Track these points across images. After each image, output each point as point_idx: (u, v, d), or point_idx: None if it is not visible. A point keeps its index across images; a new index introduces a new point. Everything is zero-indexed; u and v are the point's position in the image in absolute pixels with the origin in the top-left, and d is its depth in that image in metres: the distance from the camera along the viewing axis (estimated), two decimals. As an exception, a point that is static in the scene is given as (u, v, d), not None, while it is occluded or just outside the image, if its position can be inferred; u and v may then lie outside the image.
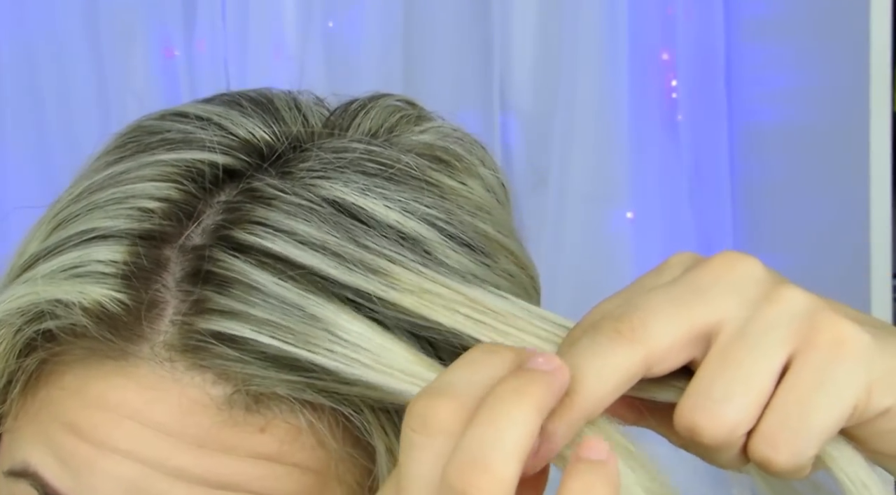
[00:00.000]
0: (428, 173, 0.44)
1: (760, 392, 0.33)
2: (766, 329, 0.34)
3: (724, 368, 0.34)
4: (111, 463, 0.39)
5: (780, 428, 0.33)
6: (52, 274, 0.40)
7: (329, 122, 0.46)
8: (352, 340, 0.37)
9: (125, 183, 0.42)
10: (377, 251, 0.39)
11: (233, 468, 0.38)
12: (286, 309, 0.37)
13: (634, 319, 0.34)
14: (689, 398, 0.34)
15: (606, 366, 0.33)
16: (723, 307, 0.34)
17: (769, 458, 0.34)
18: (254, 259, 0.38)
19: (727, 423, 0.33)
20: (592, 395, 0.33)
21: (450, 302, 0.39)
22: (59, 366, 0.41)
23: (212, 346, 0.38)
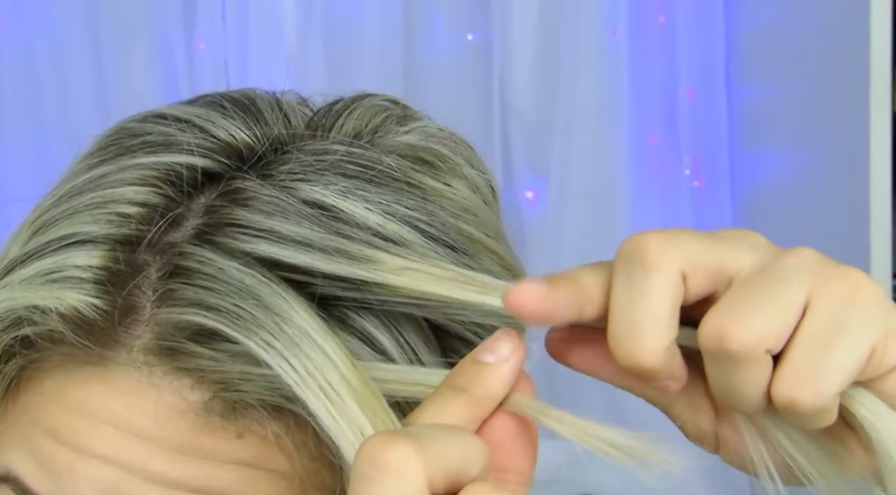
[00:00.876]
0: (410, 175, 0.43)
1: (785, 315, 0.34)
2: (785, 270, 0.35)
3: (750, 291, 0.34)
4: (90, 468, 0.38)
5: (802, 366, 0.34)
6: (30, 279, 0.40)
7: (312, 122, 0.46)
8: (290, 337, 0.36)
9: (105, 187, 0.42)
10: (360, 241, 0.39)
11: (210, 473, 0.38)
12: (243, 296, 0.37)
13: (656, 240, 0.35)
14: (718, 307, 0.34)
15: (652, 304, 0.34)
16: (743, 254, 0.35)
17: (793, 397, 0.34)
18: (225, 251, 0.38)
19: (755, 331, 0.33)
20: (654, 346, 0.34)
21: (439, 275, 0.39)
22: (38, 371, 0.40)
23: (184, 345, 0.38)
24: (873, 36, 1.33)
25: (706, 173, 1.77)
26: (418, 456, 0.30)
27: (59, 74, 1.63)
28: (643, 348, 0.34)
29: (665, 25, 1.74)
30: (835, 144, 1.45)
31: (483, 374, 0.35)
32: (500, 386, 0.35)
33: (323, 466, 0.39)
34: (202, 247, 0.39)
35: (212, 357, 0.37)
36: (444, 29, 1.71)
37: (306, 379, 0.36)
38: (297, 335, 0.36)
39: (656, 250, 0.34)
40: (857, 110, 1.36)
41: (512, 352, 0.35)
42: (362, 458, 0.30)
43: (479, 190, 0.47)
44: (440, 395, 0.35)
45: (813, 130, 1.53)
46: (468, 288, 0.39)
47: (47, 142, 1.64)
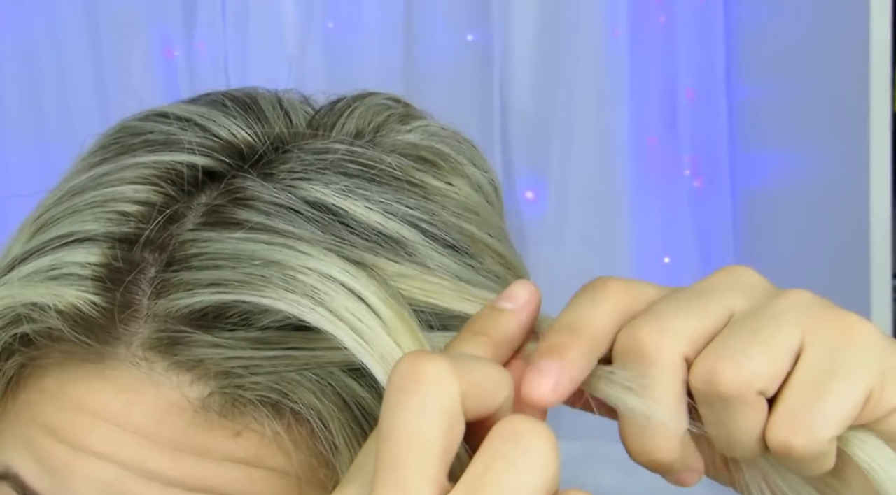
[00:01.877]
0: (411, 174, 0.43)
1: (777, 356, 0.34)
2: (777, 312, 0.34)
3: (741, 331, 0.34)
4: (88, 466, 0.38)
5: (796, 411, 0.33)
6: (29, 277, 0.40)
7: (314, 121, 0.46)
8: (308, 284, 0.36)
9: (105, 185, 0.42)
10: (360, 245, 0.39)
11: (208, 471, 0.38)
12: (243, 260, 0.37)
13: (650, 331, 0.34)
14: (708, 349, 0.34)
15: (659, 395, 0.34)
16: (733, 300, 0.35)
17: (788, 442, 0.33)
18: (223, 228, 0.38)
19: (745, 371, 0.33)
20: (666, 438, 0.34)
21: (435, 283, 0.39)
22: (38, 369, 0.40)
23: (183, 334, 0.38)
24: (873, 36, 1.33)
25: (706, 173, 1.77)
26: (454, 369, 0.30)
27: (59, 74, 1.63)
28: (658, 446, 0.34)
29: (665, 25, 1.73)
30: (835, 144, 1.45)
31: (502, 319, 0.36)
32: (517, 330, 0.36)
33: (320, 464, 0.39)
34: (198, 231, 0.39)
35: (213, 343, 0.37)
36: (444, 29, 1.70)
37: (333, 320, 0.36)
38: (316, 280, 0.36)
39: (652, 343, 0.34)
40: (857, 110, 1.36)
41: (528, 299, 0.36)
42: (398, 372, 0.30)
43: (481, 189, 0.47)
44: (460, 339, 0.35)
45: (813, 130, 1.53)
46: (462, 298, 0.39)
47: (47, 142, 1.63)
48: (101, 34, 1.63)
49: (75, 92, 1.64)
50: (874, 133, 1.34)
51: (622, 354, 0.35)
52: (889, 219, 1.37)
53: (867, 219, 1.35)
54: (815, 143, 1.53)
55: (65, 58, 1.63)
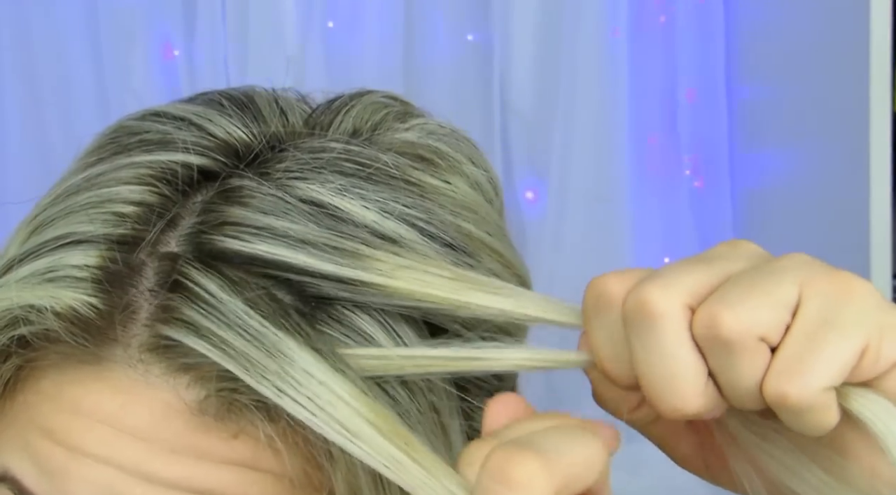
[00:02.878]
0: (408, 172, 0.43)
1: (775, 307, 0.34)
2: (775, 269, 0.35)
3: (740, 283, 0.35)
4: (85, 468, 0.38)
5: (791, 359, 0.34)
6: (26, 279, 0.39)
7: (310, 119, 0.46)
8: (301, 382, 0.36)
9: (101, 186, 0.41)
10: (357, 239, 0.39)
11: (205, 473, 0.38)
12: (246, 336, 0.37)
13: (653, 289, 0.35)
14: (709, 299, 0.35)
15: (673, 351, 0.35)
16: (734, 262, 0.36)
17: (782, 390, 0.34)
18: (225, 278, 0.38)
19: (744, 317, 0.34)
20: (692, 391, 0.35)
21: (438, 277, 0.39)
22: (35, 371, 0.40)
23: (184, 346, 0.38)
24: (873, 36, 1.33)
25: (706, 173, 1.77)
26: (544, 472, 0.30)
27: (59, 74, 1.63)
28: (686, 399, 0.35)
29: (665, 25, 1.74)
30: (835, 144, 1.45)
31: None
32: None
33: (313, 467, 0.39)
34: (204, 272, 0.38)
35: (207, 357, 0.37)
36: (444, 29, 1.70)
37: (320, 416, 0.36)
38: (302, 377, 0.36)
39: (655, 297, 0.34)
40: (857, 110, 1.36)
41: None
42: (489, 473, 0.31)
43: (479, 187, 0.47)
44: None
45: (813, 130, 1.53)
46: (464, 287, 0.39)
47: (47, 143, 1.63)
48: (101, 34, 1.63)
49: (75, 92, 1.63)
50: (874, 133, 1.34)
51: (629, 316, 0.35)
52: (889, 219, 1.37)
53: (867, 219, 1.35)
54: (815, 143, 1.53)
55: (65, 58, 1.63)
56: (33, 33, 1.62)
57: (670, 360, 0.34)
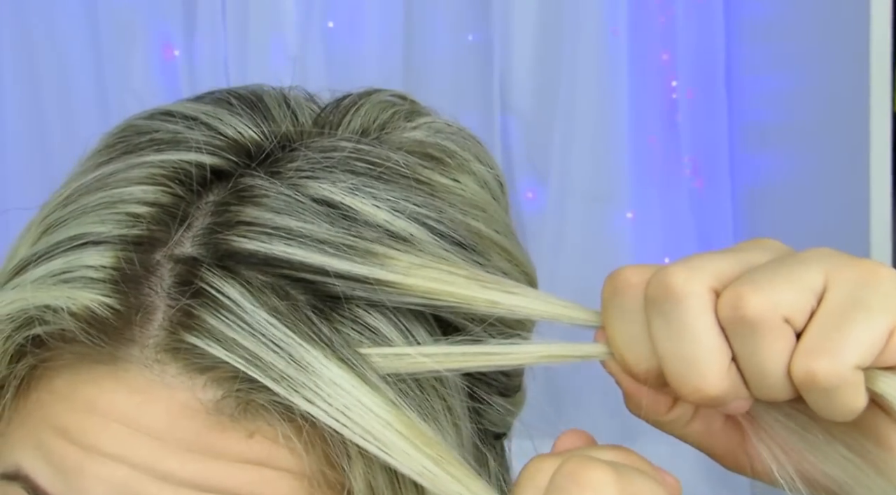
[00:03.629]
0: (418, 171, 0.43)
1: (801, 290, 0.35)
2: (801, 259, 0.36)
3: (767, 268, 0.35)
4: (100, 467, 0.38)
5: (818, 337, 0.34)
6: (42, 279, 0.39)
7: (319, 119, 0.46)
8: (331, 394, 0.37)
9: (113, 186, 0.41)
10: (370, 239, 0.40)
11: (221, 472, 0.38)
12: (272, 347, 0.37)
13: (679, 272, 0.35)
14: (736, 281, 0.35)
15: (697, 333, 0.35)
16: (760, 254, 0.36)
17: (811, 369, 0.34)
18: (246, 285, 0.38)
19: (770, 297, 0.34)
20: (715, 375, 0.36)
21: (453, 275, 0.39)
22: (49, 371, 0.40)
23: (201, 348, 0.38)
24: (873, 36, 1.33)
25: (706, 173, 1.77)
26: (616, 484, 0.33)
27: (59, 74, 1.63)
28: (707, 379, 0.35)
29: (665, 25, 1.74)
30: (835, 144, 1.45)
31: None
32: None
33: (330, 467, 0.39)
34: (222, 275, 0.38)
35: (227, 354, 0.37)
36: (444, 29, 1.70)
37: (354, 428, 0.37)
38: (331, 389, 0.37)
39: (680, 279, 0.35)
40: (857, 110, 1.36)
41: None
42: (563, 473, 0.33)
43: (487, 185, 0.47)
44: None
45: (813, 130, 1.53)
46: (479, 285, 0.39)
47: (48, 142, 1.63)
48: (101, 34, 1.63)
49: (75, 92, 1.63)
50: (874, 133, 1.34)
51: (652, 297, 0.36)
52: (889, 219, 1.37)
53: (867, 220, 1.35)
54: (815, 143, 1.53)
55: (65, 58, 1.63)
56: (33, 33, 1.62)
57: (693, 340, 0.35)
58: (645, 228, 1.75)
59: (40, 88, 1.63)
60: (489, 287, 0.40)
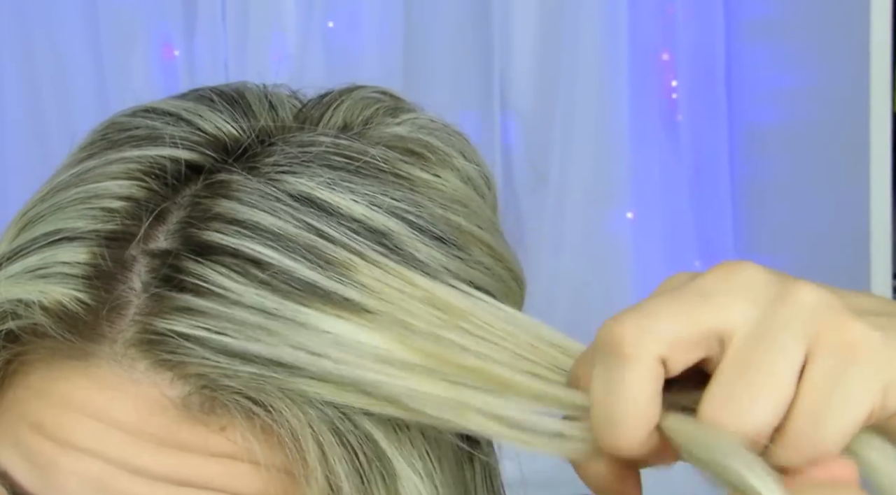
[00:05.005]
0: (397, 166, 0.43)
1: (782, 390, 0.33)
2: (780, 328, 0.33)
3: (744, 370, 0.33)
4: (74, 462, 0.38)
5: (800, 437, 0.33)
6: (17, 276, 0.39)
7: (300, 114, 0.46)
8: (321, 334, 0.37)
9: (90, 181, 0.41)
10: (341, 243, 0.39)
11: (194, 466, 0.38)
12: (250, 309, 0.37)
13: (630, 326, 0.34)
14: (713, 399, 0.33)
15: (629, 396, 0.34)
16: (732, 309, 0.34)
17: (793, 462, 0.33)
18: (218, 261, 0.38)
19: (752, 423, 0.33)
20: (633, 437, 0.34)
21: (413, 299, 0.38)
22: (23, 366, 0.40)
23: (169, 340, 0.38)
24: (873, 36, 1.33)
25: (706, 173, 1.77)
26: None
27: (59, 74, 1.63)
28: (622, 440, 0.34)
29: (665, 25, 1.74)
30: (835, 144, 1.45)
31: None
32: None
33: (304, 458, 0.39)
34: (195, 260, 0.38)
35: (194, 350, 0.37)
36: (444, 29, 1.71)
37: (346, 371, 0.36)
38: (323, 338, 0.37)
39: (630, 338, 0.33)
40: (857, 110, 1.36)
41: None
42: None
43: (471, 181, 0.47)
44: None
45: (813, 130, 1.53)
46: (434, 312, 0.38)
47: (47, 143, 1.63)
48: (101, 34, 1.63)
49: (75, 92, 1.64)
50: (874, 133, 1.34)
51: (601, 345, 0.34)
52: (889, 219, 1.37)
53: (867, 220, 1.35)
54: (815, 143, 1.53)
55: (65, 57, 1.63)
56: (33, 33, 1.62)
57: (623, 402, 0.33)
58: (645, 228, 1.75)
59: (40, 88, 1.63)
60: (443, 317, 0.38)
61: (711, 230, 1.76)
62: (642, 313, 0.34)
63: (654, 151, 1.75)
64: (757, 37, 1.70)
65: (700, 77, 1.74)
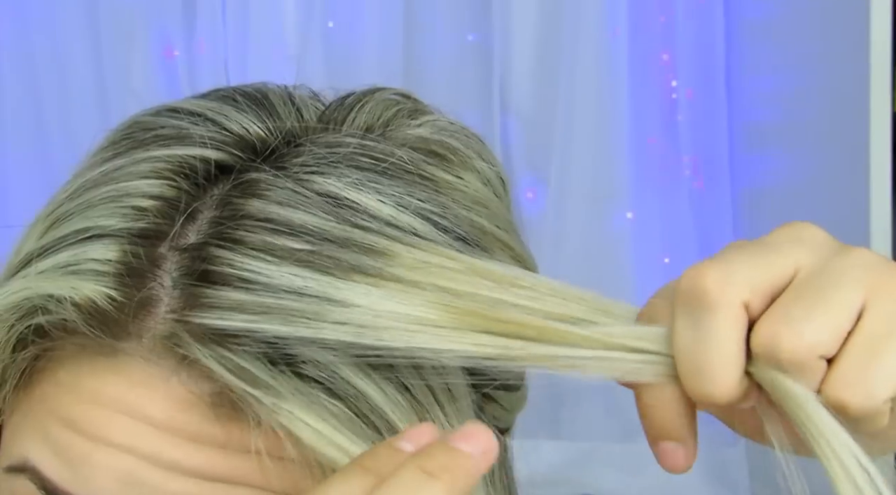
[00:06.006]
0: (422, 167, 0.43)
1: (839, 319, 0.34)
2: (841, 271, 0.35)
3: (804, 293, 0.35)
4: (107, 456, 0.39)
5: (852, 371, 0.34)
6: (47, 272, 0.40)
7: (324, 116, 0.46)
8: (365, 305, 0.37)
9: (119, 180, 0.42)
10: (376, 232, 0.39)
11: (227, 462, 0.38)
12: (287, 293, 0.37)
13: (713, 275, 0.35)
14: (770, 316, 0.35)
15: (720, 344, 0.35)
16: (799, 254, 0.36)
17: (843, 400, 0.34)
18: (250, 250, 0.38)
19: (807, 339, 0.34)
20: (727, 384, 0.35)
21: (457, 271, 0.39)
22: (51, 362, 0.41)
23: (200, 337, 0.38)
24: (873, 36, 1.33)
25: (706, 174, 1.77)
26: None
27: (59, 74, 1.63)
28: (717, 388, 0.35)
29: (665, 25, 1.74)
30: (835, 144, 1.45)
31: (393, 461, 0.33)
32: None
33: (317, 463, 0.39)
34: (228, 250, 0.38)
35: (220, 356, 0.37)
36: (444, 29, 1.71)
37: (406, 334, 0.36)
38: (367, 311, 0.37)
39: (715, 287, 0.35)
40: (857, 110, 1.36)
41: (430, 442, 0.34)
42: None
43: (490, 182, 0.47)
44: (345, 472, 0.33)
45: (813, 130, 1.53)
46: (481, 281, 0.39)
47: (47, 142, 1.64)
48: (101, 34, 1.63)
49: (75, 92, 1.64)
50: (874, 133, 1.34)
51: (685, 296, 0.36)
52: (889, 219, 1.37)
53: (867, 220, 1.35)
54: (815, 143, 1.53)
55: (65, 57, 1.63)
56: (33, 33, 1.62)
57: (714, 350, 0.35)
58: (645, 228, 1.75)
59: (40, 88, 1.63)
60: (495, 285, 0.39)
61: (711, 230, 1.76)
62: (722, 261, 0.35)
63: (654, 151, 1.75)
64: (757, 37, 1.70)
65: (700, 77, 1.74)
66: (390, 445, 0.34)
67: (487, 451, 0.33)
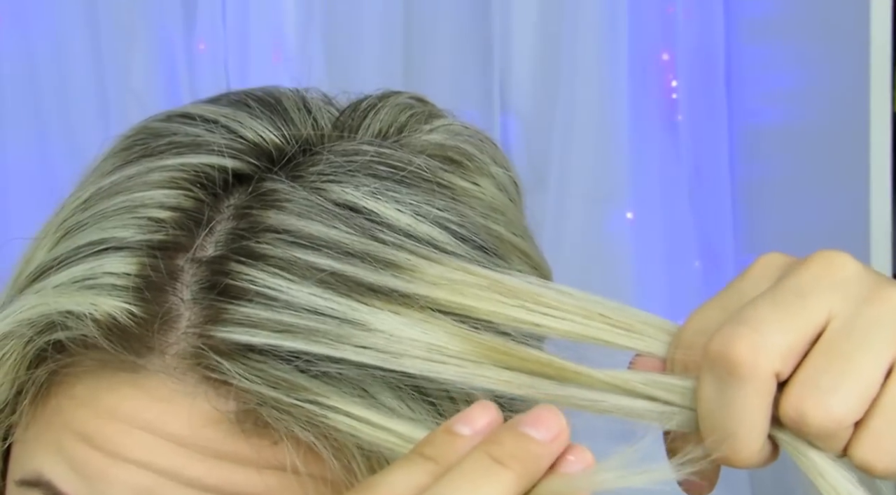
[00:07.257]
0: (439, 175, 0.43)
1: (868, 386, 0.34)
2: (872, 326, 0.34)
3: (832, 360, 0.34)
4: (125, 472, 0.38)
5: (882, 434, 0.34)
6: (64, 285, 0.39)
7: (339, 122, 0.45)
8: (387, 331, 0.36)
9: (133, 190, 0.41)
10: (397, 245, 0.39)
11: (248, 479, 0.38)
12: (309, 313, 0.37)
13: (746, 345, 0.34)
14: (797, 387, 0.34)
15: (747, 415, 0.34)
16: (828, 305, 0.34)
17: (870, 462, 0.34)
18: (271, 266, 0.38)
19: (835, 414, 0.33)
20: (750, 452, 0.35)
21: (479, 288, 0.38)
22: (69, 377, 0.40)
23: (222, 353, 0.37)
24: (873, 36, 1.33)
25: (706, 173, 1.77)
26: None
27: (59, 74, 1.63)
28: (738, 454, 0.35)
29: (665, 25, 1.73)
30: (835, 144, 1.45)
31: (455, 446, 0.32)
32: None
33: (358, 467, 0.38)
34: (248, 265, 0.38)
35: (246, 373, 0.37)
36: (444, 29, 1.70)
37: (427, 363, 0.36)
38: (388, 337, 0.36)
39: (747, 357, 0.34)
40: (857, 110, 1.36)
41: (488, 424, 0.32)
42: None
43: (504, 188, 0.47)
44: (406, 461, 0.32)
45: (813, 131, 1.53)
46: (502, 300, 0.38)
47: (47, 143, 1.63)
48: (101, 34, 1.63)
49: (75, 92, 1.63)
50: (874, 133, 1.34)
51: (714, 361, 0.34)
52: (889, 219, 1.37)
53: (867, 220, 1.35)
54: (815, 144, 1.53)
55: (65, 57, 1.63)
56: (33, 33, 1.62)
57: (742, 420, 0.34)
58: (645, 228, 1.74)
59: (40, 88, 1.63)
60: (517, 303, 0.38)
61: (711, 230, 1.76)
62: (752, 328, 0.34)
63: (654, 151, 1.75)
64: (757, 37, 1.69)
65: (700, 77, 1.74)
66: (448, 430, 0.32)
67: (559, 436, 0.32)
